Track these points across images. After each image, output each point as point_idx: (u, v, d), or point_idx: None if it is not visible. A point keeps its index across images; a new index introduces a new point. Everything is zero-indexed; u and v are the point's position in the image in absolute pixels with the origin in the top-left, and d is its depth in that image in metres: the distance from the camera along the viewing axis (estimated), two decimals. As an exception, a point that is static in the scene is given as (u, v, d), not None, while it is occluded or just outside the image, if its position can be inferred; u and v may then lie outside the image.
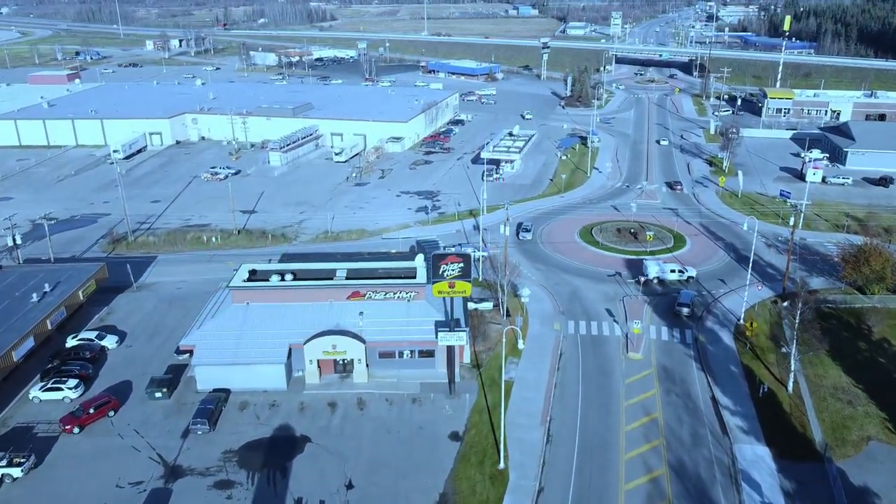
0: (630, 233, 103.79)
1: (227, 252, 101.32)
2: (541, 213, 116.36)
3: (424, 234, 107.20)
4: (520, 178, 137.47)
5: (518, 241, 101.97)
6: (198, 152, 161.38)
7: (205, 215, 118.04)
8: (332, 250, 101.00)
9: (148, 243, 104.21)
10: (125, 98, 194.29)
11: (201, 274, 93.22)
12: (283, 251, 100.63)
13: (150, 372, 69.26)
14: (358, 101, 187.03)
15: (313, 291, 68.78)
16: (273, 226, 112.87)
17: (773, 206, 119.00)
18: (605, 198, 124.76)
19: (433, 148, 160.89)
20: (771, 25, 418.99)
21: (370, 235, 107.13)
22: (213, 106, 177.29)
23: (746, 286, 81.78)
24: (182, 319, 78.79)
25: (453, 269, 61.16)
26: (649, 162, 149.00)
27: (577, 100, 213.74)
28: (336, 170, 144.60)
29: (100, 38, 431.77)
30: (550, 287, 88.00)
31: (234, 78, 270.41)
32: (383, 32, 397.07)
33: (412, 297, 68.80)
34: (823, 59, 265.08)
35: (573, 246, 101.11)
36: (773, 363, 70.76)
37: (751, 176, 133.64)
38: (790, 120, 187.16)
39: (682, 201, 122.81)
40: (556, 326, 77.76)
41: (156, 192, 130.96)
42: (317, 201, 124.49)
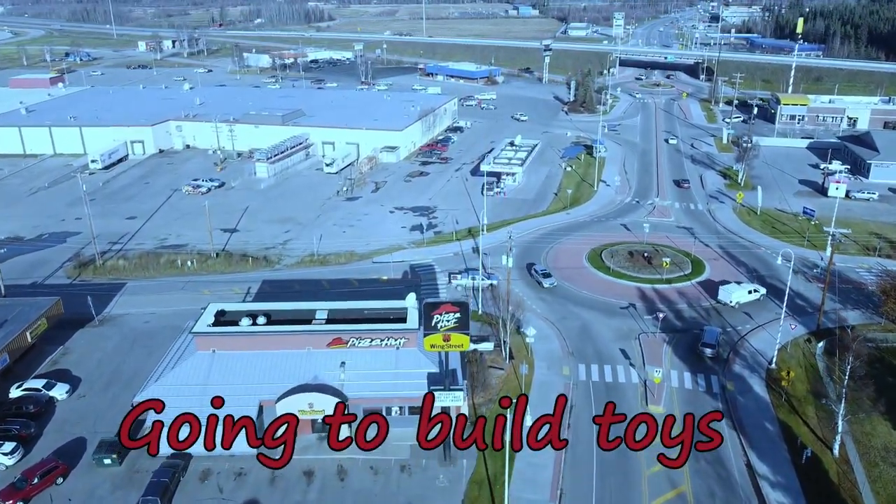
0: (643, 257, 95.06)
1: (203, 278, 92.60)
2: (545, 232, 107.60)
3: (419, 257, 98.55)
4: (522, 191, 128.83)
5: (540, 287, 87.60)
6: (182, 162, 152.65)
7: (183, 234, 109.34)
8: (318, 276, 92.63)
9: (117, 268, 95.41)
10: (108, 103, 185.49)
11: (172, 304, 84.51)
12: (263, 277, 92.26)
13: (104, 428, 60.62)
14: (351, 107, 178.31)
15: (289, 338, 60.11)
16: (256, 246, 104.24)
17: (796, 225, 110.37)
18: (614, 214, 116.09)
19: (430, 157, 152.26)
20: (777, 27, 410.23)
21: (360, 258, 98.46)
22: (199, 112, 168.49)
23: (780, 325, 72.85)
24: (145, 361, 70.03)
25: (448, 319, 52.49)
26: (660, 174, 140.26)
27: (580, 105, 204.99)
28: (326, 182, 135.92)
29: (93, 39, 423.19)
30: (557, 321, 79.32)
31: (226, 80, 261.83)
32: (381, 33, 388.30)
33: (402, 345, 60.13)
34: (835, 63, 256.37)
35: (582, 272, 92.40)
36: (814, 418, 62.16)
37: (768, 190, 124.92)
38: (805, 127, 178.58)
39: (696, 219, 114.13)
40: (564, 371, 69.13)
41: (132, 208, 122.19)
42: (304, 218, 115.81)
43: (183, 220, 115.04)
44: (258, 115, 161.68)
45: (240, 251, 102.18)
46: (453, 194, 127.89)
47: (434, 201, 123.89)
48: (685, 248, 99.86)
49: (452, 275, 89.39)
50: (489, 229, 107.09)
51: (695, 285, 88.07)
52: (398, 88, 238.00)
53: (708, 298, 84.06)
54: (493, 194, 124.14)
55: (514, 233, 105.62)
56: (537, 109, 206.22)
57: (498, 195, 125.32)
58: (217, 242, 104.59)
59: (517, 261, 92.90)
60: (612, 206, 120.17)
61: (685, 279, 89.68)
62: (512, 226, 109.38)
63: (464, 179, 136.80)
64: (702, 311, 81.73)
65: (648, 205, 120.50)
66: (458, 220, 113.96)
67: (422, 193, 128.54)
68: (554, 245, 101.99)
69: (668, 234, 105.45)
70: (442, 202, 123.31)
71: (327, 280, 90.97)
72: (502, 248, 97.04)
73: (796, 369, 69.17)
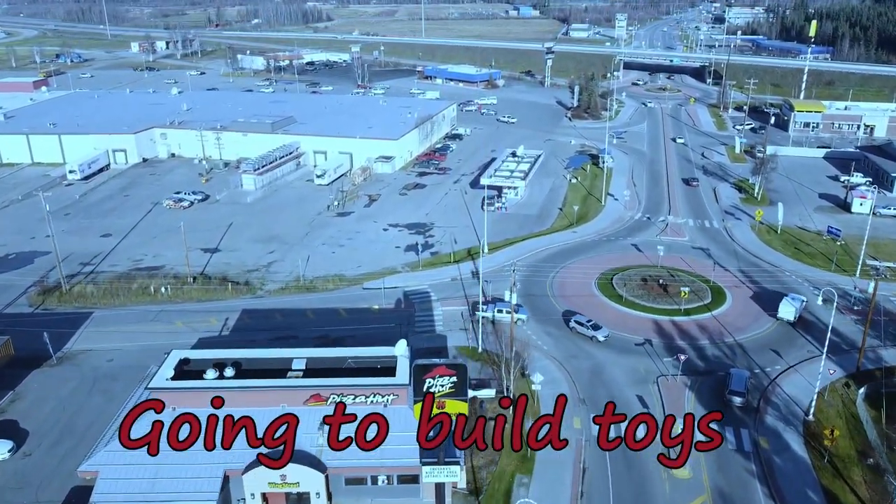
0: (659, 284, 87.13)
1: (178, 307, 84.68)
2: (550, 253, 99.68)
3: (414, 282, 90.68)
4: (525, 206, 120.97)
5: (594, 341, 74.90)
6: (165, 172, 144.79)
7: (160, 254, 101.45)
8: (303, 304, 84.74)
9: (84, 295, 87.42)
10: (92, 109, 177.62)
11: (141, 338, 76.73)
12: (243, 306, 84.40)
13: (47, 497, 52.79)
14: (346, 113, 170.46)
15: (260, 394, 52.23)
16: (237, 269, 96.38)
17: (821, 245, 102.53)
18: (624, 233, 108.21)
19: (427, 168, 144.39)
20: (783, 28, 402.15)
21: (349, 284, 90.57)
22: (185, 119, 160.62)
23: (820, 370, 64.89)
24: (104, 410, 62.27)
25: (443, 384, 44.72)
26: (671, 186, 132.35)
27: (584, 111, 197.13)
28: (317, 194, 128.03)
29: (86, 40, 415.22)
30: (566, 360, 71.46)
31: (218, 83, 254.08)
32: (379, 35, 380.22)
33: (390, 402, 52.28)
34: (848, 66, 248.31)
35: (591, 301, 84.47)
36: (861, 484, 54.32)
37: (787, 204, 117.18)
38: (819, 135, 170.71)
39: (713, 238, 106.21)
40: (576, 424, 61.26)
41: (108, 224, 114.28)
42: (291, 236, 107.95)
43: (161, 238, 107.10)
44: (247, 122, 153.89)
45: (220, 274, 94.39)
46: (451, 209, 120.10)
47: (431, 217, 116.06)
48: (703, 272, 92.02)
49: (478, 307, 79.00)
50: (490, 249, 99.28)
51: (715, 318, 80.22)
52: (395, 92, 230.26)
53: (731, 334, 76.19)
54: (494, 209, 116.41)
55: (517, 254, 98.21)
56: (539, 115, 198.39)
57: (499, 210, 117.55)
58: (196, 264, 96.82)
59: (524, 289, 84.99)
60: (621, 224, 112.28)
61: (705, 310, 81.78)
62: (514, 246, 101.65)
63: (463, 192, 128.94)
64: (725, 349, 73.89)
65: (660, 222, 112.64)
66: (457, 238, 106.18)
67: (418, 208, 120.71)
68: (560, 269, 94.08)
69: (682, 256, 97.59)
70: (439, 218, 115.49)
71: (312, 309, 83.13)
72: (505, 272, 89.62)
73: (836, 421, 61.38)
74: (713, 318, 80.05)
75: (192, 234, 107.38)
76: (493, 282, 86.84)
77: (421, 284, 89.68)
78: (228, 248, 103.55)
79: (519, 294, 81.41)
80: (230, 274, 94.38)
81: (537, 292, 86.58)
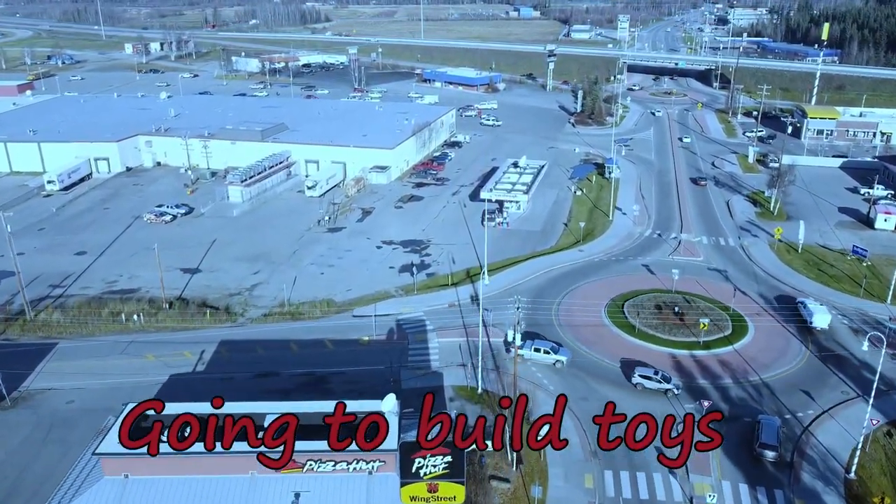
0: (674, 312, 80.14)
1: (151, 337, 77.70)
2: (556, 274, 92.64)
3: (408, 307, 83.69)
4: (527, 221, 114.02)
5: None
6: (150, 182, 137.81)
7: (136, 275, 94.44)
8: (287, 334, 77.87)
9: (50, 323, 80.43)
10: (76, 114, 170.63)
11: (108, 374, 69.89)
12: (222, 336, 77.49)
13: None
14: (340, 119, 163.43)
15: (226, 459, 45.27)
16: (218, 291, 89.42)
17: (845, 266, 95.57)
18: (634, 252, 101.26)
19: (425, 178, 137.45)
20: (788, 30, 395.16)
21: (337, 310, 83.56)
22: (172, 126, 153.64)
23: (865, 422, 57.91)
24: (58, 465, 55.45)
25: (436, 464, 37.83)
26: (681, 199, 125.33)
27: (588, 117, 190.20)
28: (308, 207, 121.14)
29: (81, 40, 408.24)
30: (575, 403, 64.48)
31: (211, 86, 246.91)
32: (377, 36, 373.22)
33: (375, 469, 45.31)
34: (859, 70, 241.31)
35: (601, 332, 77.51)
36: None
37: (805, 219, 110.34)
38: (833, 143, 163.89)
39: (729, 258, 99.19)
40: (587, 483, 54.36)
41: (84, 240, 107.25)
42: (278, 254, 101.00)
43: (139, 256, 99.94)
44: (235, 129, 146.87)
45: (199, 298, 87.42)
46: (450, 224, 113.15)
47: (428, 233, 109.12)
48: (721, 297, 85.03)
49: (510, 344, 70.89)
50: (491, 270, 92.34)
51: (737, 352, 73.28)
52: (393, 96, 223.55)
53: (756, 372, 69.25)
54: (495, 225, 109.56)
55: (519, 276, 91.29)
56: (542, 121, 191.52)
57: (500, 226, 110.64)
58: (174, 287, 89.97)
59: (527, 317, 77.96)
60: (630, 241, 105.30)
61: (725, 342, 74.83)
62: (516, 267, 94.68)
63: (462, 205, 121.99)
64: (751, 390, 66.96)
65: (672, 239, 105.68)
66: (455, 257, 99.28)
67: (414, 223, 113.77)
68: (566, 293, 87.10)
69: (698, 279, 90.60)
70: (436, 234, 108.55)
71: (296, 341, 76.17)
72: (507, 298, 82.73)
73: (881, 480, 54.47)
74: (735, 353, 73.12)
75: (173, 251, 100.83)
76: (495, 310, 79.88)
77: (415, 311, 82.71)
78: (210, 269, 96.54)
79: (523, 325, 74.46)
80: (210, 298, 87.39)
81: (542, 320, 79.57)
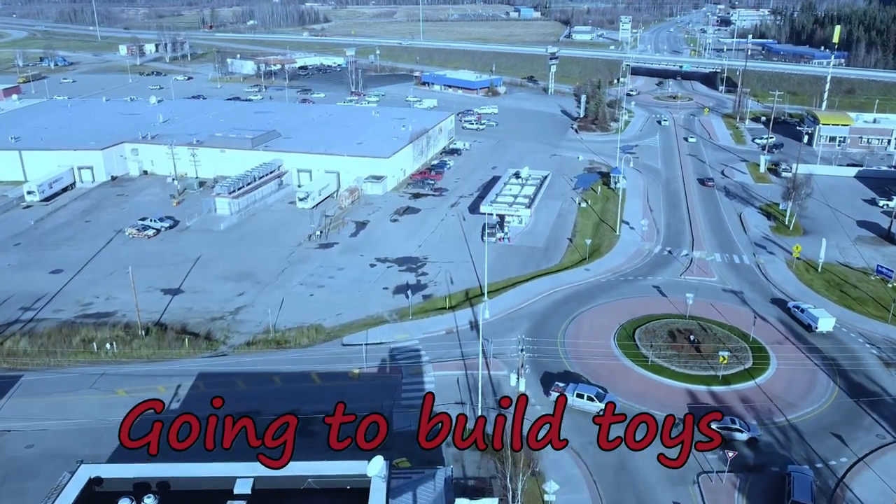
0: (689, 341, 74.25)
1: (124, 368, 71.82)
2: (561, 296, 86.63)
3: (402, 334, 77.80)
4: (529, 235, 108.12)
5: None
6: (135, 192, 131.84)
7: (114, 297, 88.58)
8: (271, 366, 71.96)
9: (16, 352, 74.53)
10: (62, 120, 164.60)
11: (74, 413, 63.94)
12: (200, 369, 71.59)
13: None
14: (334, 126, 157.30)
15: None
16: (200, 315, 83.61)
17: (869, 287, 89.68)
18: (644, 271, 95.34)
19: (422, 188, 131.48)
20: (793, 32, 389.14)
21: (326, 338, 77.64)
22: (159, 132, 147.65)
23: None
24: (8, 523, 49.76)
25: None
26: (691, 212, 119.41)
27: (591, 122, 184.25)
28: (299, 220, 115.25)
29: (76, 41, 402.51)
30: (582, 448, 58.58)
31: (205, 89, 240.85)
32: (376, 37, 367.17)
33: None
34: (870, 74, 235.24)
35: (611, 364, 71.58)
36: None
37: (823, 233, 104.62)
38: (846, 150, 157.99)
39: (745, 278, 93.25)
40: (600, 549, 48.70)
41: (61, 256, 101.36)
42: (265, 272, 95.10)
43: (118, 275, 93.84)
44: (225, 137, 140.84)
45: (179, 323, 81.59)
46: (448, 239, 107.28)
47: (424, 249, 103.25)
48: (738, 322, 79.15)
49: (555, 386, 64.69)
50: (491, 290, 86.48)
51: (759, 387, 67.39)
52: (391, 99, 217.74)
53: (782, 412, 63.37)
54: (495, 241, 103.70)
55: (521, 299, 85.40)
56: (544, 126, 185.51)
57: (500, 241, 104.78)
58: (153, 310, 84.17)
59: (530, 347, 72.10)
60: (639, 259, 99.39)
61: (746, 376, 68.94)
62: (518, 288, 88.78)
63: (461, 218, 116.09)
64: (777, 433, 61.05)
65: (683, 257, 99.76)
66: (454, 276, 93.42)
67: (410, 237, 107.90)
68: (572, 318, 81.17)
69: (713, 303, 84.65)
70: (434, 250, 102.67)
71: (280, 374, 70.29)
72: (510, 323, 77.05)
73: (929, 543, 48.67)
74: (757, 388, 67.24)
75: (154, 269, 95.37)
76: (495, 336, 74.00)
77: (410, 339, 76.80)
78: (192, 289, 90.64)
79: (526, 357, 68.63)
80: (190, 323, 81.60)
81: (547, 352, 73.59)
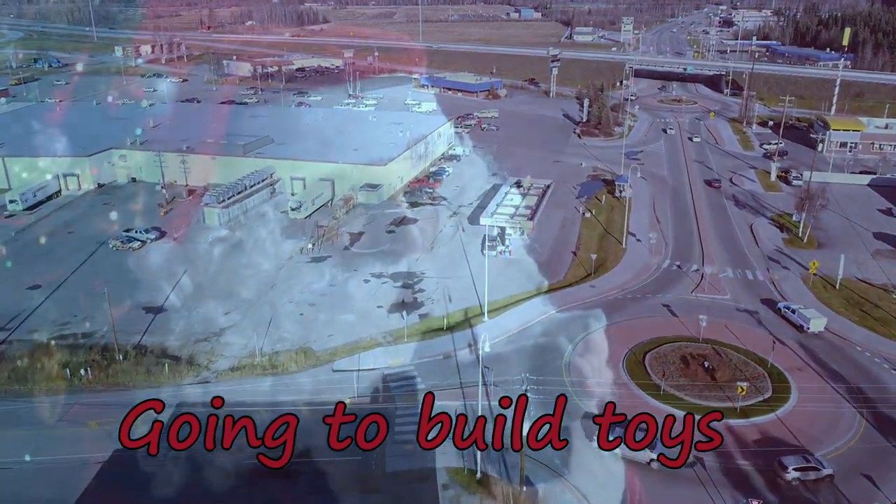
0: (703, 367, 69.48)
1: (98, 398, 67.05)
2: (565, 317, 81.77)
3: (396, 358, 73.02)
4: (532, 248, 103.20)
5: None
6: (122, 201, 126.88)
7: (93, 315, 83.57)
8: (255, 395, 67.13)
9: (-17, 379, 70.00)
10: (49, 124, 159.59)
11: (40, 450, 59.02)
12: (181, 398, 66.80)
13: None
14: (330, 130, 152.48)
15: None
16: (182, 337, 78.79)
17: (890, 306, 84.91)
18: (652, 287, 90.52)
19: (420, 197, 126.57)
20: (797, 33, 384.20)
21: (316, 363, 72.80)
22: (149, 138, 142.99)
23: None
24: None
25: None
26: (700, 223, 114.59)
27: (594, 127, 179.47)
28: (291, 231, 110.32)
29: (73, 42, 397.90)
30: (593, 492, 53.78)
31: (201, 91, 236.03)
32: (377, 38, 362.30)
33: None
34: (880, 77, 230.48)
35: (622, 392, 66.82)
36: None
37: (839, 247, 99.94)
38: (858, 157, 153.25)
39: (759, 295, 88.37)
40: None
41: (41, 271, 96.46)
42: (253, 289, 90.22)
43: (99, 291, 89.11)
44: (216, 143, 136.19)
45: (160, 345, 76.85)
46: (446, 252, 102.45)
47: (422, 263, 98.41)
48: (754, 345, 74.40)
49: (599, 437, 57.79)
50: (492, 309, 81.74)
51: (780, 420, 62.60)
52: (389, 103, 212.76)
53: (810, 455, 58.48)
54: (496, 254, 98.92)
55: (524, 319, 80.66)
56: (546, 131, 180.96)
57: (501, 254, 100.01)
58: (134, 330, 79.48)
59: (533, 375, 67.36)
60: (647, 274, 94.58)
61: (766, 408, 64.15)
62: (520, 306, 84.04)
63: (460, 229, 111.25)
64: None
65: (694, 272, 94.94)
66: (452, 293, 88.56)
67: (407, 250, 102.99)
68: (578, 341, 76.39)
69: (727, 324, 79.84)
70: (431, 265, 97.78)
71: (265, 405, 65.43)
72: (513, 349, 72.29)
73: None
74: (778, 421, 62.47)
75: (137, 284, 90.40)
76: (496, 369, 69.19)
77: (404, 364, 72.05)
78: (176, 307, 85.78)
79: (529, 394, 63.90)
80: (173, 346, 76.83)
81: (551, 382, 68.65)
